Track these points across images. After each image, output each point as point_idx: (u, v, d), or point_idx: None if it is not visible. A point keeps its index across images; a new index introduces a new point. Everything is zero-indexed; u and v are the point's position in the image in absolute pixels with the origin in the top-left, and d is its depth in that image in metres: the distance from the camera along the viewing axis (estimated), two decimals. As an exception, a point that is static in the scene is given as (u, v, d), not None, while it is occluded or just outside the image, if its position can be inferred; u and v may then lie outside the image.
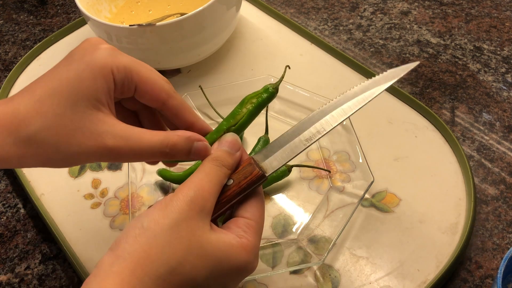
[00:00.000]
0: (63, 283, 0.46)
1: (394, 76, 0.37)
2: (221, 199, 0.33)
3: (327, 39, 0.66)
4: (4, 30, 0.74)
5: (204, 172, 0.33)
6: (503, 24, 0.66)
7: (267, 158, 0.35)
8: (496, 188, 0.49)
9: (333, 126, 0.36)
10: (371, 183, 0.45)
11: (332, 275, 0.44)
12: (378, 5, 0.70)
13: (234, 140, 0.36)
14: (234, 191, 0.33)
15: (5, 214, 0.52)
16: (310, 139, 0.36)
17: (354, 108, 0.37)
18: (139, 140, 0.33)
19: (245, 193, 0.34)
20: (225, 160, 0.34)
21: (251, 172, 0.34)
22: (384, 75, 0.37)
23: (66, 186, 0.53)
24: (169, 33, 0.53)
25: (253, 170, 0.34)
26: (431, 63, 0.61)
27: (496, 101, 0.57)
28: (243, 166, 0.35)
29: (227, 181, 0.34)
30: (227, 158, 0.34)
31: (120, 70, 0.33)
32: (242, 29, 0.67)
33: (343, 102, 0.37)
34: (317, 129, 0.36)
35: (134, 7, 0.65)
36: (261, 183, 0.34)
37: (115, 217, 0.50)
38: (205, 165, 0.34)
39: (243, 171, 0.34)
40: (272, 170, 0.35)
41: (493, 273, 0.44)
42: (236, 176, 0.34)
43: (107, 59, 0.33)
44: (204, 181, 0.32)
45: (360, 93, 0.37)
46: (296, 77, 0.58)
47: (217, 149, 0.35)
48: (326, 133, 0.36)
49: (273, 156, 0.36)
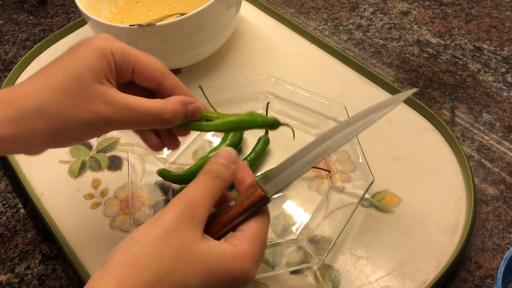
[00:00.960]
0: (63, 283, 0.46)
1: (393, 103, 0.38)
2: (223, 219, 0.34)
3: (327, 39, 0.66)
4: (4, 30, 0.74)
5: (196, 184, 0.33)
6: (503, 24, 0.66)
7: (269, 181, 0.36)
8: (496, 188, 0.49)
9: (334, 149, 0.37)
10: (371, 183, 0.45)
11: (332, 275, 0.44)
12: (378, 5, 0.70)
13: (229, 153, 0.36)
14: (236, 211, 0.34)
15: (5, 214, 0.52)
16: (312, 162, 0.37)
17: (354, 133, 0.37)
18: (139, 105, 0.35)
19: (247, 213, 0.34)
20: (219, 172, 0.34)
21: (253, 193, 0.35)
22: (383, 102, 0.38)
23: (66, 186, 0.53)
24: (169, 33, 0.53)
25: (255, 191, 0.35)
26: (431, 63, 0.61)
27: (496, 101, 0.57)
28: (246, 188, 0.35)
29: (230, 203, 0.34)
30: (221, 169, 0.35)
31: (118, 52, 0.35)
32: (242, 29, 0.67)
33: (344, 128, 0.38)
34: (319, 152, 0.37)
35: (134, 7, 0.65)
36: (263, 204, 0.35)
37: (115, 217, 0.50)
38: (198, 177, 0.34)
39: (246, 192, 0.35)
40: (274, 191, 0.35)
41: (493, 273, 0.44)
42: (239, 197, 0.35)
43: (106, 42, 0.35)
44: (195, 193, 0.32)
45: (361, 119, 0.38)
46: (296, 77, 0.58)
47: (211, 162, 0.35)
48: (326, 156, 0.37)
49: (276, 179, 0.36)
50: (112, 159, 0.54)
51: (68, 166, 0.54)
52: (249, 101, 0.56)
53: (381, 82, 0.58)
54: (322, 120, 0.53)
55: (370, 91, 0.58)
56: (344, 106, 0.51)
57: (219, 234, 0.34)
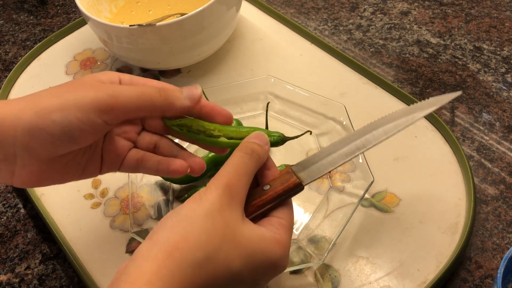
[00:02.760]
0: (63, 283, 0.46)
1: (435, 104, 0.38)
2: (257, 202, 0.34)
3: (327, 39, 0.66)
4: (4, 30, 0.74)
5: (231, 164, 0.33)
6: (503, 24, 0.66)
7: (305, 169, 0.36)
8: (496, 188, 0.49)
9: (373, 145, 0.37)
10: (371, 183, 0.45)
11: (332, 275, 0.44)
12: (378, 5, 0.70)
13: (261, 134, 0.37)
14: (270, 195, 0.34)
15: (5, 214, 0.52)
16: (349, 155, 0.37)
17: (394, 130, 0.38)
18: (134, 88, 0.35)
19: (280, 199, 0.34)
20: (254, 149, 0.35)
21: (288, 179, 0.35)
22: (426, 102, 0.38)
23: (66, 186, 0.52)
24: (169, 33, 0.53)
25: (290, 178, 0.35)
26: (431, 63, 0.61)
27: (496, 101, 0.57)
28: (281, 174, 0.36)
29: (264, 186, 0.35)
30: (255, 147, 0.35)
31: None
32: (242, 29, 0.67)
33: (385, 123, 0.38)
34: (357, 146, 0.37)
35: (134, 7, 0.65)
36: (297, 192, 0.35)
37: (115, 217, 0.50)
38: (233, 156, 0.34)
39: (281, 178, 0.35)
40: (309, 180, 0.36)
41: (493, 273, 0.44)
42: (274, 182, 0.35)
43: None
44: (232, 174, 0.33)
45: (402, 117, 0.38)
46: (296, 77, 0.58)
47: (244, 142, 0.36)
48: (365, 151, 0.37)
49: (311, 168, 0.36)
50: (112, 159, 0.54)
51: (68, 166, 0.54)
52: (249, 101, 0.56)
53: (381, 82, 0.58)
54: (322, 120, 0.53)
55: (370, 91, 0.58)
56: (344, 106, 0.51)
57: (251, 216, 0.34)
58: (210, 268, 0.29)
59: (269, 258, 0.31)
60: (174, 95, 0.36)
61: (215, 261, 0.29)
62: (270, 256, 0.31)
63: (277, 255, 0.32)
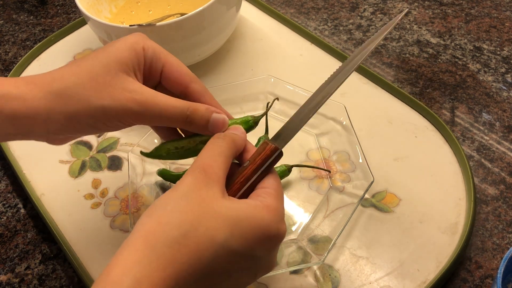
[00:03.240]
0: (63, 283, 0.46)
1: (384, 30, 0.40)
2: (239, 179, 0.34)
3: (327, 39, 0.66)
4: (4, 30, 0.74)
5: (204, 150, 0.34)
6: (503, 24, 0.66)
7: (278, 138, 0.37)
8: (496, 188, 0.49)
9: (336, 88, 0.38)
10: (371, 183, 0.45)
11: (332, 275, 0.44)
12: (378, 5, 0.70)
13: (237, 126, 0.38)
14: (251, 168, 0.34)
15: (5, 214, 0.52)
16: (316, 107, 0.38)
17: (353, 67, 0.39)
18: (164, 101, 0.35)
19: (261, 169, 0.34)
20: (226, 134, 0.36)
21: (264, 148, 0.35)
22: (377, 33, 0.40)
23: (66, 186, 0.53)
24: (169, 33, 0.53)
25: (265, 147, 0.35)
26: (431, 63, 0.61)
27: (496, 101, 0.57)
28: (257, 149, 0.36)
29: (244, 164, 0.35)
30: (228, 132, 0.36)
31: (150, 49, 0.36)
32: (242, 29, 0.67)
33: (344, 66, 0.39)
34: (322, 96, 0.38)
35: (134, 7, 0.65)
36: (276, 159, 0.35)
37: (115, 217, 0.50)
38: (208, 143, 0.35)
39: (258, 150, 0.36)
40: (284, 143, 0.37)
41: (493, 273, 0.44)
42: (252, 156, 0.35)
43: (139, 38, 0.36)
44: (205, 157, 0.33)
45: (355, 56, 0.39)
46: (296, 77, 0.58)
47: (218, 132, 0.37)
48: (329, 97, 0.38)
49: (283, 134, 0.37)
50: (112, 159, 0.54)
51: (68, 166, 0.54)
52: (249, 101, 0.56)
53: (381, 82, 0.58)
54: (322, 120, 0.53)
55: (370, 91, 0.58)
56: (344, 106, 0.51)
57: (238, 195, 0.34)
58: (191, 243, 0.28)
59: (258, 224, 0.30)
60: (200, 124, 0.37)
61: (195, 236, 0.28)
62: (258, 221, 0.30)
63: (266, 220, 0.31)
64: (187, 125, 0.37)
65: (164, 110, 0.35)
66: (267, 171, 0.35)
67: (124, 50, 0.35)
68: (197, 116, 0.36)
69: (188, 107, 0.36)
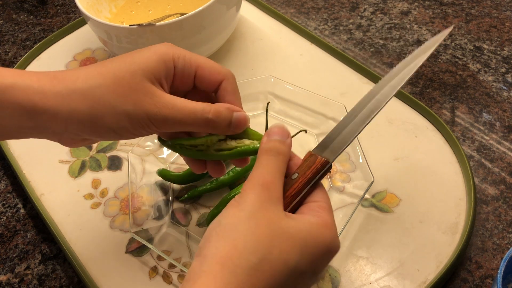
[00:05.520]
0: (63, 283, 0.46)
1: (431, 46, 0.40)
2: (290, 192, 0.34)
3: (327, 39, 0.66)
4: (4, 30, 0.74)
5: (261, 165, 0.33)
6: (503, 24, 0.66)
7: (326, 149, 0.36)
8: (496, 188, 0.49)
9: (386, 102, 0.37)
10: (371, 183, 0.45)
11: (332, 275, 0.44)
12: (378, 5, 0.70)
13: (281, 128, 0.36)
14: (301, 182, 0.34)
15: (5, 214, 0.52)
16: (365, 120, 0.37)
17: (401, 82, 0.38)
18: (184, 106, 0.35)
19: (311, 183, 0.34)
20: (278, 148, 0.35)
21: (314, 161, 0.35)
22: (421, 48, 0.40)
23: (66, 186, 0.53)
24: (169, 33, 0.53)
25: (315, 160, 0.35)
26: (431, 63, 0.61)
27: (496, 101, 0.57)
28: (304, 159, 0.35)
29: (293, 175, 0.35)
30: (279, 145, 0.35)
31: (181, 57, 0.36)
32: (242, 29, 0.67)
33: (389, 80, 0.38)
34: (370, 109, 0.37)
35: (134, 7, 0.65)
36: (326, 171, 0.35)
37: (115, 217, 0.50)
38: (260, 158, 0.34)
39: (306, 162, 0.35)
40: (334, 156, 0.36)
41: (493, 273, 0.44)
42: (300, 169, 0.35)
43: (169, 49, 0.36)
44: (264, 173, 0.32)
45: (403, 69, 0.39)
46: (296, 77, 0.58)
47: (267, 141, 0.35)
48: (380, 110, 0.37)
49: (332, 145, 0.36)
50: (112, 159, 0.54)
51: (68, 166, 0.54)
52: (249, 101, 0.56)
53: (381, 82, 0.58)
54: (322, 120, 0.53)
55: (370, 91, 0.58)
56: (344, 106, 0.51)
57: (288, 209, 0.34)
58: (267, 268, 0.28)
59: (322, 243, 0.31)
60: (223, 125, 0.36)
61: (271, 260, 0.28)
62: (322, 241, 0.31)
63: (328, 238, 0.31)
64: (210, 129, 0.36)
65: (185, 114, 0.35)
66: (316, 184, 0.35)
67: (153, 60, 0.35)
68: (219, 118, 0.36)
69: (209, 110, 0.35)
